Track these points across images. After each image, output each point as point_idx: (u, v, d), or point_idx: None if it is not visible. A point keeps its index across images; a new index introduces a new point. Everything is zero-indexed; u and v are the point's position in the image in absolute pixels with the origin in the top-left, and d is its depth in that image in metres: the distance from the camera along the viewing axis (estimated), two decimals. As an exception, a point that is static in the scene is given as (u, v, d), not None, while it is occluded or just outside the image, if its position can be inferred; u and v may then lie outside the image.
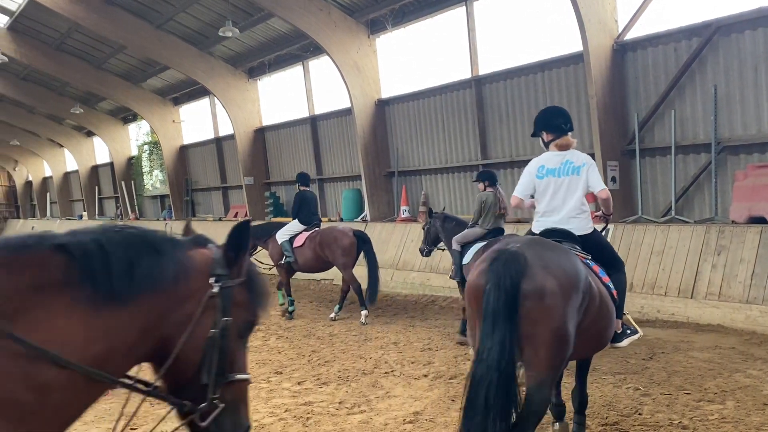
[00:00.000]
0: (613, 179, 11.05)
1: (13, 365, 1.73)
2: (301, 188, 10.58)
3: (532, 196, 4.53)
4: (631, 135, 11.15)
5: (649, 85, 10.97)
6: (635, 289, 9.53)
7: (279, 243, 10.37)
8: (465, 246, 7.86)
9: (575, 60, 11.83)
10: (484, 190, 8.16)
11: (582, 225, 4.35)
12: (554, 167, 4.36)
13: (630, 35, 11.06)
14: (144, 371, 2.21)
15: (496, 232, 7.84)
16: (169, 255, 2.08)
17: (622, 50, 11.13)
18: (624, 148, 11.23)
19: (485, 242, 7.62)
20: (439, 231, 8.63)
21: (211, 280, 2.14)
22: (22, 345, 1.74)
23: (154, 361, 2.13)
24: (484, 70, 13.81)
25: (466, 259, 7.69)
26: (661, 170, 11.04)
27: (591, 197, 4.60)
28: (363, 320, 9.35)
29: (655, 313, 9.05)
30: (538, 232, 4.39)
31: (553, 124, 4.47)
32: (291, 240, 10.24)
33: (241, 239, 2.24)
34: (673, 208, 10.58)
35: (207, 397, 2.16)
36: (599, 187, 4.43)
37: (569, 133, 4.49)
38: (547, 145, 4.54)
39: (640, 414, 5.01)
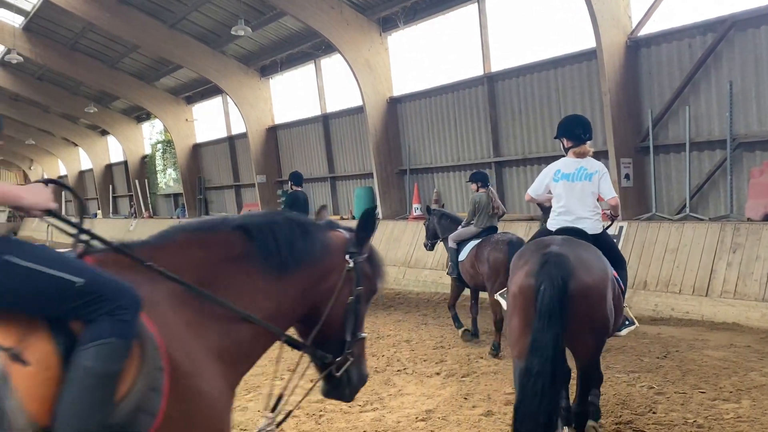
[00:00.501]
0: (627, 176, 10.97)
1: (218, 324, 2.21)
2: (294, 188, 10.91)
3: (549, 192, 4.89)
4: (645, 132, 11.06)
5: (663, 81, 10.87)
6: (649, 287, 9.46)
7: None
8: (460, 243, 8.10)
9: (588, 56, 11.76)
10: (477, 190, 8.38)
11: (594, 225, 4.67)
12: (569, 172, 4.69)
13: (643, 31, 10.97)
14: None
15: (490, 231, 8.05)
16: (316, 236, 2.55)
17: (636, 46, 11.04)
18: (637, 145, 11.15)
19: (480, 240, 7.88)
20: (436, 227, 8.89)
21: (347, 256, 2.61)
22: (222, 306, 2.21)
23: (304, 322, 2.59)
24: (496, 67, 13.75)
25: (462, 257, 7.94)
26: (675, 167, 10.95)
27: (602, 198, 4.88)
28: None
29: (669, 312, 8.98)
30: (554, 230, 4.67)
31: (573, 133, 4.79)
32: None
33: (369, 223, 2.69)
34: (687, 205, 10.49)
35: (344, 351, 2.60)
36: (610, 195, 4.75)
37: (587, 143, 4.82)
38: (566, 150, 4.84)
39: (654, 413, 4.98)
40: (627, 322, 4.76)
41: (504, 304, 5.06)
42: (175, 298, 2.16)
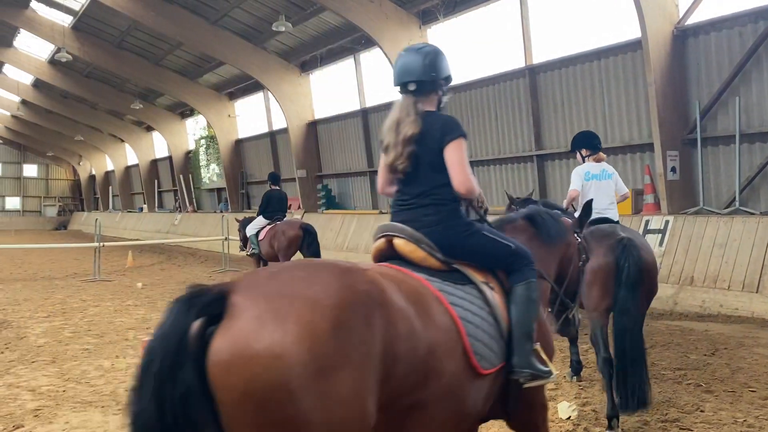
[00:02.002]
0: (673, 169, 10.71)
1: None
2: (272, 187, 11.48)
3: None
4: (693, 124, 10.77)
5: (712, 71, 10.56)
6: (696, 282, 9.23)
7: (247, 236, 11.33)
8: None
9: (633, 47, 11.50)
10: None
11: (615, 214, 5.76)
12: (596, 173, 5.79)
13: (691, 20, 10.68)
14: None
15: None
16: (560, 221, 3.48)
17: (683, 36, 10.75)
18: (685, 137, 10.86)
19: None
20: None
21: (575, 235, 3.57)
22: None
23: (556, 281, 3.40)
24: (538, 58, 13.56)
25: None
26: (724, 160, 10.64)
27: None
28: None
29: (718, 308, 8.75)
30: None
31: (591, 144, 5.99)
32: (258, 233, 11.03)
33: (587, 211, 3.74)
34: (737, 198, 10.17)
35: (575, 301, 3.54)
36: (624, 190, 6.17)
37: (600, 152, 6.05)
38: (584, 158, 5.97)
39: (702, 411, 4.86)
40: None
41: None
42: None
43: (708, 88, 10.63)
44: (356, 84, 19.07)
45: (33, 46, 27.01)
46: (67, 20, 22.70)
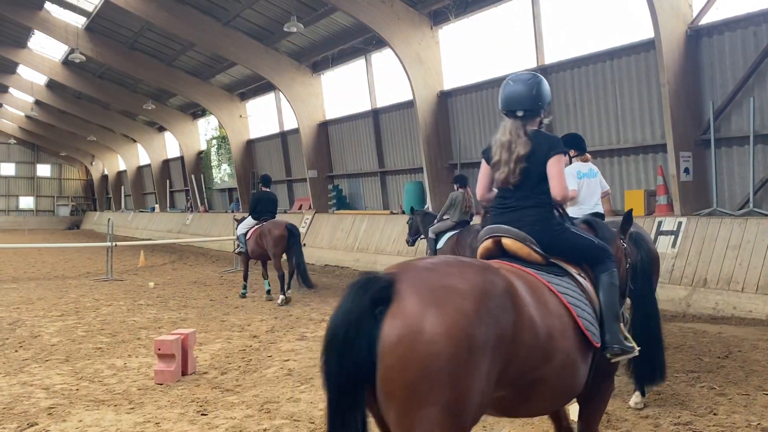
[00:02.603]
0: (686, 170, 10.63)
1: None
2: (262, 188, 11.85)
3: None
4: (706, 124, 10.69)
5: (726, 71, 10.48)
6: (709, 284, 9.16)
7: (237, 234, 11.89)
8: (439, 234, 9.62)
9: (646, 47, 11.43)
10: (457, 190, 10.01)
11: (602, 209, 6.10)
12: (586, 172, 6.12)
13: (705, 20, 10.59)
14: None
15: (463, 224, 9.71)
16: (608, 227, 3.80)
17: (697, 36, 10.68)
18: (698, 138, 10.78)
19: (456, 231, 9.59)
20: (419, 224, 10.39)
21: (620, 241, 3.84)
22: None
23: None
24: (550, 59, 13.51)
25: (440, 245, 9.46)
26: (738, 161, 10.55)
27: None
28: (279, 302, 10.58)
29: (731, 310, 8.68)
30: (582, 216, 5.85)
31: (579, 146, 6.36)
32: (246, 233, 11.47)
33: (629, 219, 4.04)
34: (751, 200, 10.08)
35: (625, 296, 3.83)
36: (606, 187, 6.45)
37: (586, 152, 6.49)
38: (571, 159, 6.23)
39: (715, 414, 4.82)
40: None
41: None
42: None
43: (722, 89, 10.55)
44: (367, 84, 19.09)
45: (47, 47, 27.24)
46: (80, 21, 22.87)
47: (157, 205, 36.62)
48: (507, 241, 3.21)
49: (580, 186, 6.00)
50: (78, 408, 5.16)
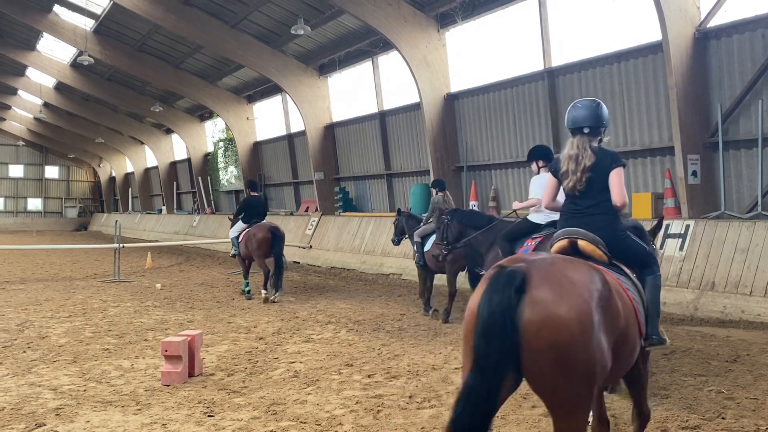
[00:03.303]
0: (694, 173, 10.59)
1: None
2: (250, 193, 12.45)
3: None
4: (714, 127, 10.65)
5: (734, 74, 10.44)
6: (717, 288, 9.12)
7: (230, 237, 12.44)
8: (424, 237, 9.76)
9: (654, 50, 11.40)
10: (437, 194, 10.25)
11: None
12: None
13: (713, 22, 10.56)
14: None
15: None
16: (648, 235, 4.39)
17: (705, 38, 10.64)
18: (706, 141, 10.74)
19: None
20: (404, 226, 10.59)
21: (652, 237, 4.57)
22: None
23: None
24: (557, 61, 13.49)
25: (427, 247, 9.65)
26: (746, 163, 10.50)
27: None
28: (273, 299, 11.12)
29: (739, 314, 8.63)
30: (544, 222, 6.50)
31: (547, 156, 6.90)
32: (238, 236, 12.09)
33: (660, 225, 4.79)
34: (759, 203, 10.04)
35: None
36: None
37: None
38: (539, 169, 6.86)
39: (723, 418, 4.80)
40: None
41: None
42: None
43: (730, 91, 10.51)
44: (374, 87, 19.10)
45: (56, 50, 27.43)
46: (89, 24, 23.00)
47: (164, 207, 36.74)
48: (582, 243, 3.66)
49: None
50: (85, 409, 5.18)
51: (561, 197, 5.39)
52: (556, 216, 6.15)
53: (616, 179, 3.83)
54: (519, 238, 6.68)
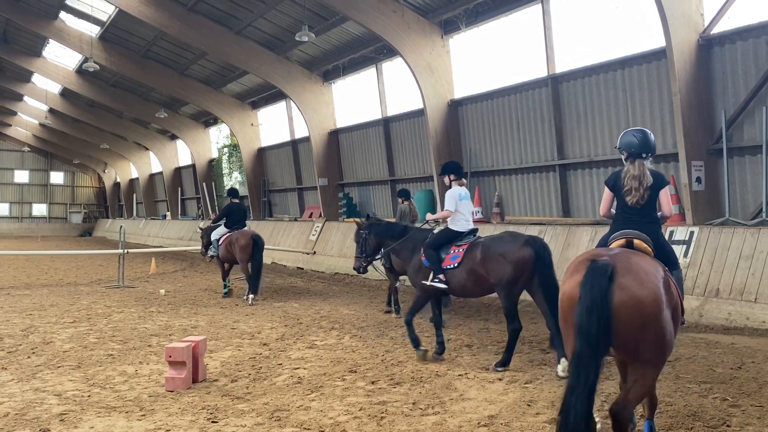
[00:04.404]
0: (698, 180, 10.57)
1: None
2: (231, 200, 13.28)
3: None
4: (718, 133, 10.64)
5: (738, 80, 10.44)
6: (722, 294, 9.09)
7: (211, 240, 13.30)
8: None
9: (657, 56, 11.41)
10: (402, 203, 11.06)
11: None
12: (464, 194, 7.60)
13: (717, 29, 10.56)
14: None
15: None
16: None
17: (708, 45, 10.65)
18: (710, 147, 10.73)
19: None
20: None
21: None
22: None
23: None
24: (561, 68, 13.51)
25: None
26: (750, 170, 10.49)
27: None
28: (250, 302, 11.78)
29: (744, 321, 8.61)
30: (465, 231, 7.47)
31: (459, 171, 7.80)
32: (219, 239, 12.95)
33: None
34: (764, 210, 10.01)
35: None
36: (472, 207, 7.89)
37: (462, 178, 7.88)
38: (450, 183, 7.71)
39: (728, 426, 4.78)
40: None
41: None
42: None
43: (734, 98, 10.51)
44: (378, 93, 19.15)
45: (61, 56, 27.58)
46: (94, 30, 23.12)
47: (168, 213, 36.80)
48: (637, 241, 4.34)
49: (460, 206, 7.47)
50: (89, 414, 5.20)
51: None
52: (472, 225, 7.52)
53: (665, 196, 4.72)
54: (443, 245, 7.38)
